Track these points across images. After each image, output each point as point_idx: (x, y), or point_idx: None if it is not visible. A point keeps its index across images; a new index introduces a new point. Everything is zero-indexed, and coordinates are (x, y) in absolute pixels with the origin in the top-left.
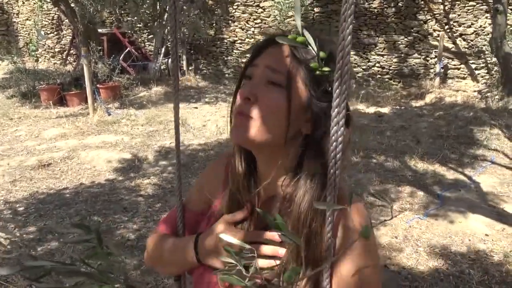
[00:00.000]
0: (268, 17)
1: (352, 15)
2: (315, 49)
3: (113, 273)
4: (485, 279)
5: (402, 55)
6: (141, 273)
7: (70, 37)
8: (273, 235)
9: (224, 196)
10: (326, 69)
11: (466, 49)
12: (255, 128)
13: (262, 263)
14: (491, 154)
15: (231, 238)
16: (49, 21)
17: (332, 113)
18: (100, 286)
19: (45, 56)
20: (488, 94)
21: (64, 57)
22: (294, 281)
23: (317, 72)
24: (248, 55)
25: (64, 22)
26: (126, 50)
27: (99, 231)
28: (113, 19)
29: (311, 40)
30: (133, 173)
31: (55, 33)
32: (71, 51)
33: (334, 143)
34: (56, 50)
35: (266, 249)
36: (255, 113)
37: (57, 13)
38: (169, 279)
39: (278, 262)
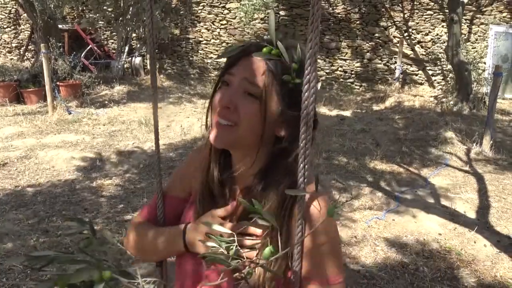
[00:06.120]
0: (234, 18)
1: (318, 27)
2: (289, 62)
3: (107, 260)
4: (438, 276)
5: (364, 60)
6: None
7: (29, 32)
8: (255, 230)
9: (198, 190)
10: (297, 81)
11: (424, 56)
12: (234, 135)
13: (243, 248)
14: (445, 157)
15: (222, 228)
16: (6, 15)
17: (301, 114)
18: (102, 271)
19: (1, 51)
20: (444, 99)
21: (21, 52)
22: (272, 258)
23: (290, 85)
24: (223, 59)
25: (22, 17)
26: (88, 48)
27: (92, 223)
28: (75, 15)
29: (284, 53)
30: (94, 173)
31: (12, 27)
32: (29, 47)
33: (303, 141)
34: (13, 45)
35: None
36: (234, 121)
37: (15, 6)
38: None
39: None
